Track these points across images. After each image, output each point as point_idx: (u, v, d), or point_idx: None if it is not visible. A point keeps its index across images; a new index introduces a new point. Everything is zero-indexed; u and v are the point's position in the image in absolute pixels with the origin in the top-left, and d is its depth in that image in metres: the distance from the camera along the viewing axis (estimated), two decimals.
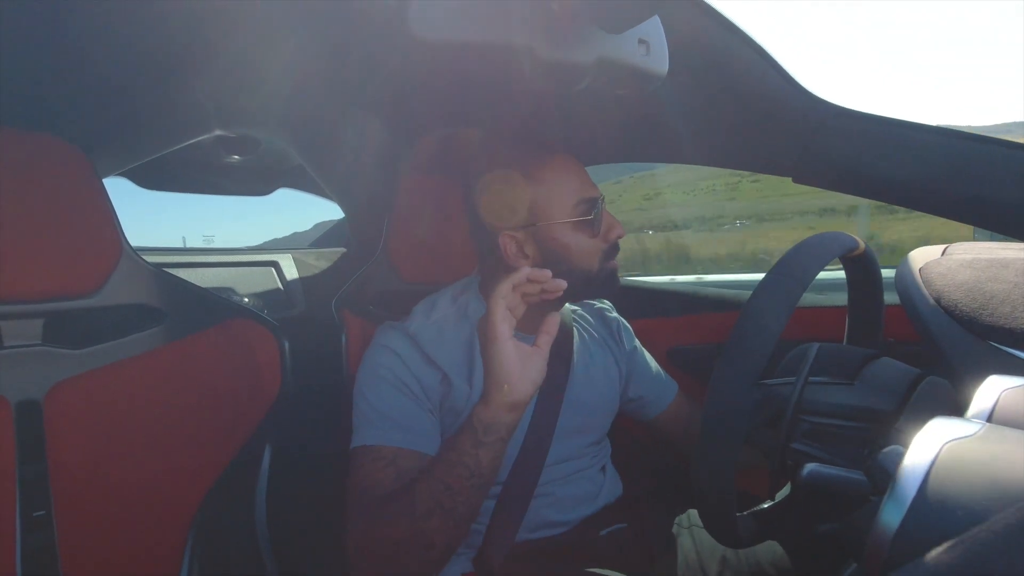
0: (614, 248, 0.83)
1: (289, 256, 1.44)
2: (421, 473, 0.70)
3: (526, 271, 0.67)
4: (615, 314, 1.03)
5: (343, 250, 1.55)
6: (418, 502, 0.66)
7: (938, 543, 0.20)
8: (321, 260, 1.48)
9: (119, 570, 0.79)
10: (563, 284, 0.68)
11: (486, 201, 0.84)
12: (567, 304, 0.96)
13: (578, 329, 0.95)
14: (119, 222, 0.80)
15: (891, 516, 0.34)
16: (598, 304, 1.02)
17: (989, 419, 0.42)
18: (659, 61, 0.66)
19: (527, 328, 0.78)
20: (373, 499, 0.72)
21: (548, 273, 0.67)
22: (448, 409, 0.82)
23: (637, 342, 1.04)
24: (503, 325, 0.66)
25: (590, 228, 0.80)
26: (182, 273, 0.92)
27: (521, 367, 0.66)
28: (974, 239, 0.84)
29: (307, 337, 0.96)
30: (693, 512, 0.91)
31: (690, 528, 0.88)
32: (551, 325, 0.70)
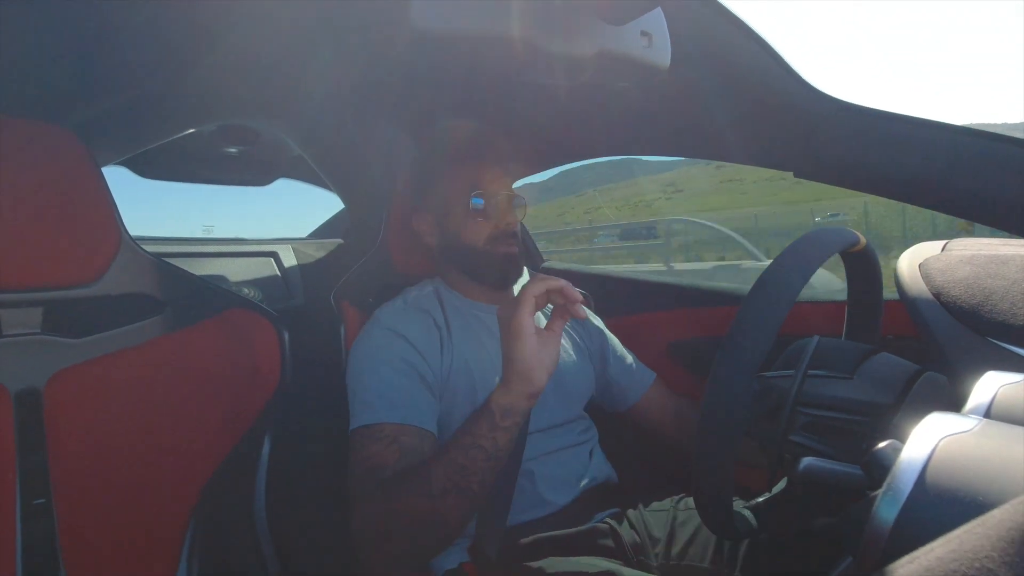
0: (505, 235, 0.93)
1: (288, 247, 1.44)
2: (435, 455, 0.73)
3: (563, 282, 0.73)
4: None
5: (340, 241, 1.55)
6: (433, 482, 0.69)
7: (934, 538, 0.20)
8: (320, 251, 1.48)
9: (119, 558, 0.79)
10: (584, 314, 0.75)
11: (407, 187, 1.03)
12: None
13: (543, 315, 1.02)
14: (118, 211, 0.80)
15: (887, 511, 0.34)
16: None
17: (986, 415, 0.42)
18: (661, 53, 0.66)
19: (480, 297, 0.96)
20: (383, 478, 0.74)
21: (579, 296, 0.74)
22: (442, 377, 0.87)
23: (604, 327, 1.09)
24: (528, 320, 0.71)
25: (478, 211, 0.92)
26: (182, 263, 0.92)
27: (539, 358, 0.71)
28: (974, 234, 0.84)
29: (306, 328, 0.96)
30: (688, 500, 0.92)
31: (686, 512, 0.89)
32: (564, 314, 0.75)
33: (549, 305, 0.76)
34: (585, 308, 1.09)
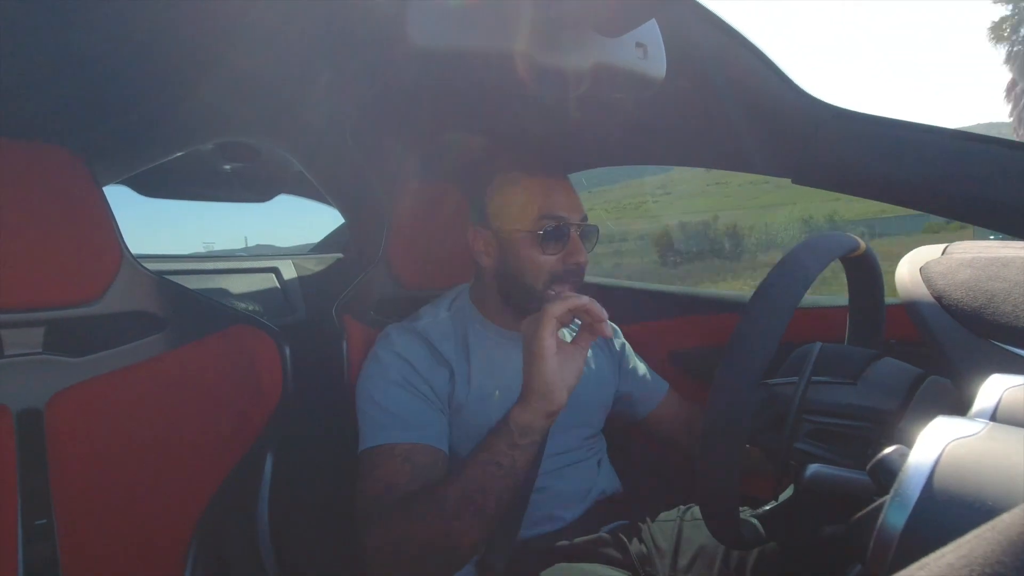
0: (570, 273, 0.83)
1: (289, 261, 1.44)
2: (451, 474, 0.72)
3: (586, 300, 0.70)
4: None
5: (340, 255, 1.55)
6: (448, 501, 0.68)
7: (944, 544, 0.19)
8: (321, 265, 1.48)
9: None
10: (610, 332, 0.72)
11: (467, 197, 0.92)
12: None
13: (569, 331, 0.98)
14: (120, 230, 0.80)
15: (896, 517, 0.34)
16: None
17: (992, 418, 0.42)
18: (657, 65, 0.67)
19: (513, 326, 0.87)
20: (395, 498, 0.73)
21: (604, 313, 0.71)
22: (454, 408, 0.85)
23: (624, 341, 1.08)
24: (551, 340, 0.69)
25: (546, 245, 0.82)
26: (183, 280, 0.92)
27: (560, 377, 0.69)
28: (974, 238, 0.84)
29: (308, 343, 0.96)
30: (695, 510, 0.91)
31: (692, 522, 0.88)
32: (598, 327, 0.72)
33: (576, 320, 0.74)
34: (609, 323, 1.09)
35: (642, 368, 1.06)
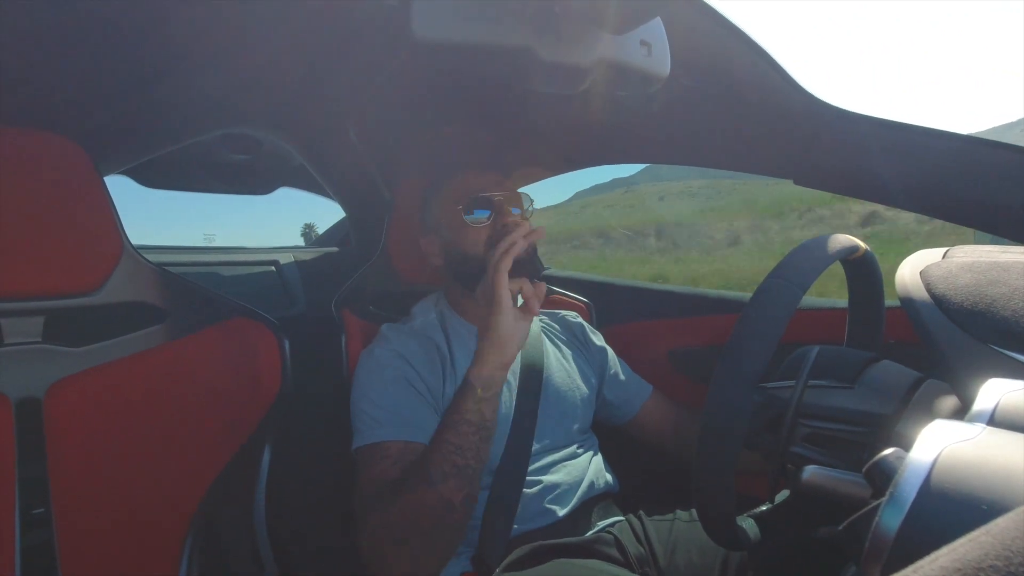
0: (502, 234, 0.88)
1: (290, 255, 1.44)
2: (429, 444, 0.75)
3: (507, 240, 0.78)
4: (579, 319, 1.11)
5: (336, 249, 1.55)
6: (432, 468, 0.71)
7: (938, 547, 0.20)
8: (321, 259, 1.48)
9: (118, 567, 0.79)
10: (541, 231, 0.82)
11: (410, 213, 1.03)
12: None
13: (545, 334, 1.03)
14: (120, 220, 0.80)
15: (891, 519, 0.34)
16: (561, 313, 1.13)
17: (990, 422, 0.42)
18: (661, 63, 0.66)
19: (475, 320, 0.94)
20: (386, 488, 0.74)
21: (527, 225, 0.81)
22: (444, 403, 0.86)
23: (605, 344, 1.09)
24: (506, 291, 0.76)
25: (473, 213, 0.91)
26: (183, 272, 0.92)
27: (514, 330, 0.77)
28: (975, 242, 0.84)
29: (307, 336, 0.96)
30: (692, 510, 0.91)
31: (689, 523, 0.88)
32: (540, 291, 0.80)
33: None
34: (587, 324, 1.10)
35: (624, 374, 1.07)
